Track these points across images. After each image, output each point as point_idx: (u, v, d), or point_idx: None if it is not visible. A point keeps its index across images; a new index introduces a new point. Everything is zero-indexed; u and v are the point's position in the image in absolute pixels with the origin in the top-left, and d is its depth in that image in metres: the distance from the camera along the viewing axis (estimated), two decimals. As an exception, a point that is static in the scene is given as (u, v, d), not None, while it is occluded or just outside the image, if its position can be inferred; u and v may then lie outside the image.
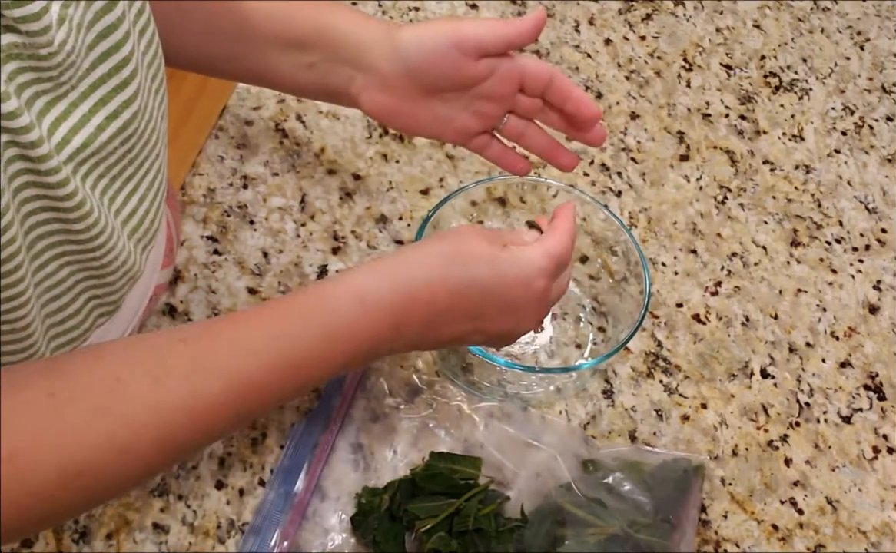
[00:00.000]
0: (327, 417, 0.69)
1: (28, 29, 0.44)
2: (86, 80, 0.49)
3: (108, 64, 0.50)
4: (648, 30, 1.02)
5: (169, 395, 0.48)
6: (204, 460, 0.67)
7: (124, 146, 0.53)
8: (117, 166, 0.53)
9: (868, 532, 0.71)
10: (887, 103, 1.01)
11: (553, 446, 0.69)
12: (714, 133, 0.94)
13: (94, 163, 0.51)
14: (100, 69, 0.50)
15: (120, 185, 0.55)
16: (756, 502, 0.71)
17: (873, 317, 0.83)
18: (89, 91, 0.49)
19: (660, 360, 0.77)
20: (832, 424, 0.76)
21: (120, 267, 0.57)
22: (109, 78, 0.50)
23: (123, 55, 0.50)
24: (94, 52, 0.49)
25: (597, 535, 0.64)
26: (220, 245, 0.78)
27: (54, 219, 0.50)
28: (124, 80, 0.51)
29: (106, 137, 0.51)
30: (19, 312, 0.51)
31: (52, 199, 0.49)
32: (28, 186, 0.48)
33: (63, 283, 0.54)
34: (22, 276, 0.49)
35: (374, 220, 0.82)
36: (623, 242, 0.75)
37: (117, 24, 0.50)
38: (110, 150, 0.52)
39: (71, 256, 0.53)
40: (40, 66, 0.46)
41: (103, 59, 0.50)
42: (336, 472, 0.67)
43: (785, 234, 0.88)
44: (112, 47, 0.50)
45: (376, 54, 0.66)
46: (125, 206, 0.56)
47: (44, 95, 0.47)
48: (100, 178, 0.53)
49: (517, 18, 0.66)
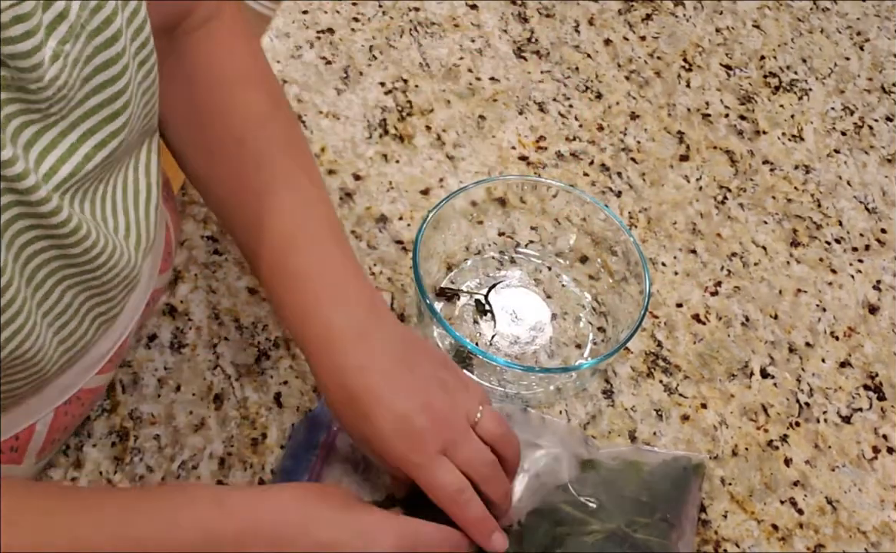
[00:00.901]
0: (327, 418, 0.69)
1: (18, 65, 0.44)
2: (77, 110, 0.49)
3: (102, 95, 0.50)
4: (648, 30, 1.02)
5: (14, 542, 0.47)
6: (204, 460, 0.67)
7: (110, 171, 0.53)
8: (108, 188, 0.54)
9: (868, 532, 0.71)
10: (887, 103, 1.01)
11: (553, 446, 0.69)
12: (714, 133, 0.95)
13: (84, 189, 0.52)
14: (92, 100, 0.50)
15: (112, 204, 0.55)
16: (756, 502, 0.71)
17: (873, 317, 0.83)
18: (79, 121, 0.49)
19: (660, 360, 0.77)
20: (832, 424, 0.76)
21: (121, 280, 0.57)
22: (101, 109, 0.50)
23: (119, 87, 0.51)
24: (90, 84, 0.49)
25: (596, 534, 0.64)
26: (220, 245, 0.78)
27: (51, 246, 0.50)
28: (116, 111, 0.51)
29: (92, 166, 0.51)
30: (26, 345, 0.51)
31: (47, 228, 0.49)
32: (20, 218, 0.48)
33: (68, 305, 0.55)
34: (18, 310, 0.49)
35: (375, 220, 0.82)
36: (623, 242, 0.75)
37: (116, 58, 0.50)
38: (98, 177, 0.52)
39: (72, 279, 0.54)
40: (28, 99, 0.46)
41: (98, 91, 0.50)
42: (336, 471, 0.68)
43: (785, 234, 0.88)
44: (108, 80, 0.50)
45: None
46: (122, 221, 0.56)
47: (31, 126, 0.47)
48: (92, 201, 0.53)
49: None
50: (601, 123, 0.93)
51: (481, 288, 0.79)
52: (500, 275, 0.80)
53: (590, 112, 0.94)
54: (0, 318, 0.48)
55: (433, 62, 0.95)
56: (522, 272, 0.80)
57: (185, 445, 0.68)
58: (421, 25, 0.98)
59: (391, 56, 0.95)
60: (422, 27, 0.98)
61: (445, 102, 0.92)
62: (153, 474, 0.66)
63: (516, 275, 0.80)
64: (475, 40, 0.98)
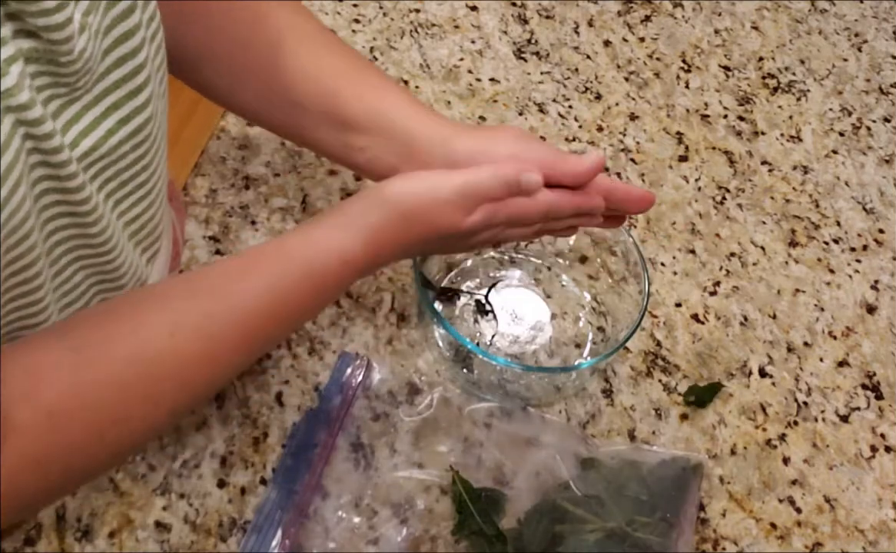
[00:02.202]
0: (328, 417, 0.69)
1: (51, 37, 0.44)
2: (99, 84, 0.49)
3: (123, 69, 0.50)
4: (647, 31, 1.03)
5: (186, 346, 0.51)
6: (206, 459, 0.68)
7: (135, 152, 0.53)
8: (127, 172, 0.54)
9: (865, 530, 0.71)
10: (885, 104, 1.01)
11: (552, 445, 0.69)
12: (712, 134, 0.95)
13: (103, 166, 0.52)
14: (114, 74, 0.50)
15: (129, 190, 0.55)
16: (754, 501, 0.72)
17: (871, 316, 0.84)
18: (102, 95, 0.50)
19: (659, 359, 0.78)
20: (830, 423, 0.77)
21: (134, 272, 0.57)
22: (123, 83, 0.51)
23: (139, 61, 0.51)
24: (110, 57, 0.49)
25: (596, 533, 0.65)
26: (221, 245, 0.79)
27: (71, 224, 0.51)
28: (138, 87, 0.51)
29: (116, 141, 0.51)
30: (39, 318, 0.52)
31: (70, 204, 0.50)
32: (48, 192, 0.48)
33: (78, 287, 0.55)
34: (41, 283, 0.50)
35: (375, 220, 0.82)
36: (622, 242, 0.76)
37: (134, 30, 0.50)
38: (120, 155, 0.52)
39: (86, 260, 0.54)
40: (58, 72, 0.46)
41: (118, 65, 0.50)
42: (337, 471, 0.68)
43: (783, 235, 0.88)
44: (128, 53, 0.50)
45: (427, 157, 0.65)
46: (129, 212, 0.56)
47: (58, 99, 0.47)
48: (107, 181, 0.53)
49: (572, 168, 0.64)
50: (601, 124, 0.93)
51: (481, 288, 0.79)
52: (500, 275, 0.80)
53: (589, 113, 0.94)
54: (27, 299, 0.49)
55: (434, 63, 0.95)
56: (522, 272, 0.81)
57: (187, 444, 0.68)
58: (421, 27, 0.98)
59: (392, 57, 0.95)
60: (422, 28, 0.98)
61: (446, 103, 0.92)
62: (155, 472, 0.66)
63: (516, 275, 0.80)
64: (475, 41, 0.98)
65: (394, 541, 0.65)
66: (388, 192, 0.60)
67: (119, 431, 0.49)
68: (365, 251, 0.59)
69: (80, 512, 0.64)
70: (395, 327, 0.76)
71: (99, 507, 0.65)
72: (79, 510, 0.64)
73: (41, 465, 0.46)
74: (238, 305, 0.55)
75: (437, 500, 0.67)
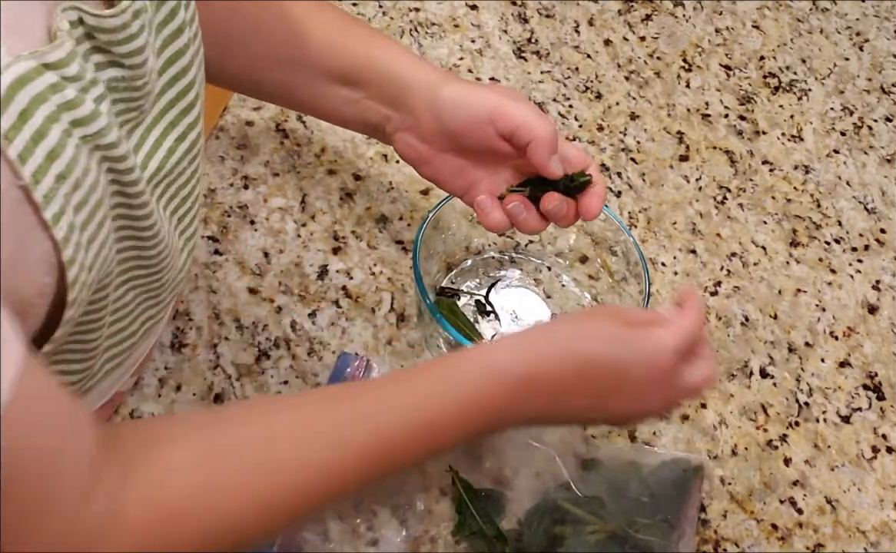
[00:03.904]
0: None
1: (132, 62, 0.45)
2: (157, 104, 0.50)
3: (176, 88, 0.51)
4: (648, 30, 1.03)
5: (313, 457, 0.49)
6: (205, 460, 0.67)
7: (191, 166, 0.54)
8: (187, 186, 0.54)
9: (867, 531, 0.71)
10: (886, 104, 1.01)
11: (553, 446, 0.69)
12: (713, 133, 0.95)
13: (167, 185, 0.52)
14: (168, 94, 0.50)
15: (189, 203, 0.56)
16: (755, 502, 0.71)
17: (872, 317, 0.84)
18: (160, 115, 0.50)
19: (659, 359, 0.77)
20: (831, 424, 0.76)
21: (172, 281, 0.57)
22: (178, 102, 0.51)
23: (189, 79, 0.51)
24: (164, 76, 0.50)
25: (596, 534, 0.64)
26: (220, 245, 0.78)
27: (133, 247, 0.51)
28: (190, 103, 0.52)
29: (176, 159, 0.52)
30: (92, 335, 0.51)
31: (135, 229, 0.50)
32: (120, 218, 0.48)
33: (127, 306, 0.55)
34: (107, 304, 0.50)
35: (375, 220, 0.82)
36: (623, 242, 0.75)
37: (184, 49, 0.50)
38: (180, 172, 0.53)
39: (137, 280, 0.54)
40: (132, 97, 0.47)
41: (172, 84, 0.50)
42: (336, 471, 0.68)
43: (784, 234, 0.88)
44: (180, 72, 0.51)
45: (417, 101, 0.65)
46: (188, 222, 0.57)
47: (128, 124, 0.48)
48: (171, 199, 0.54)
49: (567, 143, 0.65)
50: (601, 124, 0.93)
51: (481, 288, 0.79)
52: (500, 275, 0.80)
53: (590, 112, 0.94)
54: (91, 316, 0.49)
55: (433, 62, 0.95)
56: (522, 272, 0.80)
57: (186, 445, 0.68)
58: (421, 26, 0.98)
59: (391, 56, 0.95)
60: (422, 27, 0.98)
61: (445, 103, 0.92)
62: (154, 474, 0.66)
63: (516, 275, 0.80)
64: (475, 41, 0.98)
65: (393, 541, 0.65)
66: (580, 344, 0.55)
67: (228, 539, 0.47)
68: (526, 365, 0.53)
69: (78, 513, 0.64)
70: (395, 327, 0.76)
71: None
72: (77, 511, 0.64)
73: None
74: (377, 420, 0.51)
75: (437, 501, 0.67)
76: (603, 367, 0.55)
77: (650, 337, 0.55)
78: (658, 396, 0.57)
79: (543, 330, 0.57)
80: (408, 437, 0.52)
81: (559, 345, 0.54)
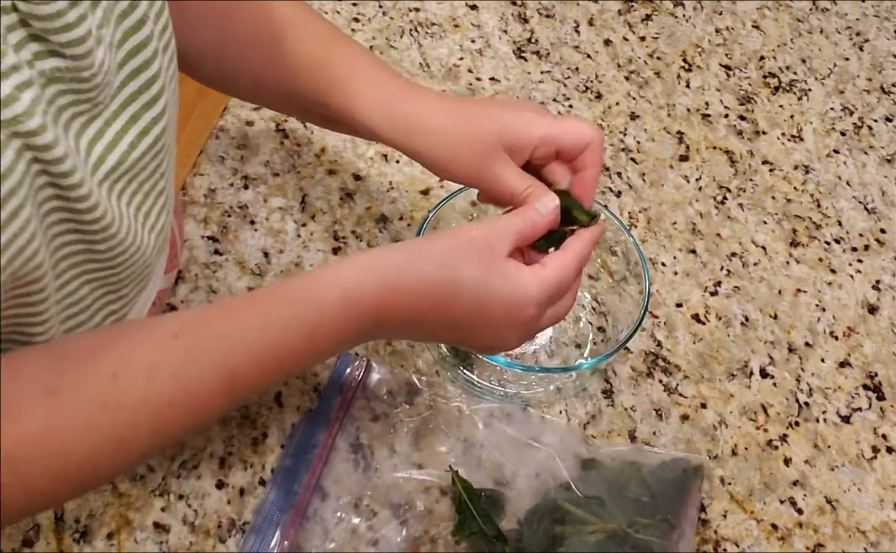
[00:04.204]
0: (327, 417, 0.69)
1: (73, 52, 0.44)
2: (117, 98, 0.49)
3: (138, 81, 0.50)
4: (648, 30, 1.03)
5: (163, 390, 0.50)
6: (205, 460, 0.67)
7: (154, 161, 0.53)
8: (150, 181, 0.54)
9: (867, 531, 0.71)
10: (886, 104, 1.01)
11: (553, 446, 0.69)
12: (713, 133, 0.95)
13: (129, 179, 0.52)
14: (130, 87, 0.50)
15: (153, 199, 0.55)
16: (755, 502, 0.71)
17: (872, 317, 0.84)
18: (120, 109, 0.50)
19: (659, 359, 0.77)
20: (831, 424, 0.76)
21: (137, 275, 0.57)
22: (140, 95, 0.51)
23: (153, 72, 0.51)
24: (124, 70, 0.49)
25: (596, 534, 0.64)
26: (220, 245, 0.78)
27: (79, 241, 0.51)
28: (153, 97, 0.52)
29: (139, 154, 0.52)
30: (38, 329, 0.52)
31: (80, 223, 0.50)
32: (56, 211, 0.48)
33: (83, 300, 0.55)
34: (45, 297, 0.50)
35: (375, 220, 0.82)
36: (623, 242, 0.75)
37: (146, 42, 0.50)
38: (142, 166, 0.53)
39: (91, 274, 0.54)
40: (80, 88, 0.46)
41: (133, 77, 0.50)
42: (336, 471, 0.68)
43: (784, 234, 0.88)
44: (142, 65, 0.50)
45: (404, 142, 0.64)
46: (154, 219, 0.57)
47: (80, 116, 0.47)
48: (134, 194, 0.53)
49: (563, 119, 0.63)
50: (601, 123, 0.93)
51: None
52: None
53: (590, 112, 0.94)
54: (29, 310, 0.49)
55: (433, 62, 0.95)
56: (522, 272, 0.80)
57: (186, 445, 0.68)
58: (421, 26, 0.98)
59: (391, 56, 0.95)
60: (422, 27, 0.98)
61: (445, 103, 0.92)
62: (154, 473, 0.66)
63: (516, 275, 0.80)
64: (475, 41, 0.98)
65: (393, 542, 0.65)
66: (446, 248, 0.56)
67: (85, 475, 0.49)
68: (378, 293, 0.54)
69: (78, 513, 0.64)
70: (395, 327, 0.76)
71: (97, 508, 0.64)
72: (77, 511, 0.64)
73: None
74: (221, 348, 0.52)
75: (437, 501, 0.67)
76: (461, 302, 0.56)
77: (515, 280, 0.56)
78: (513, 337, 0.59)
79: (403, 253, 0.56)
80: (258, 368, 0.53)
81: (416, 273, 0.55)
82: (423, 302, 0.55)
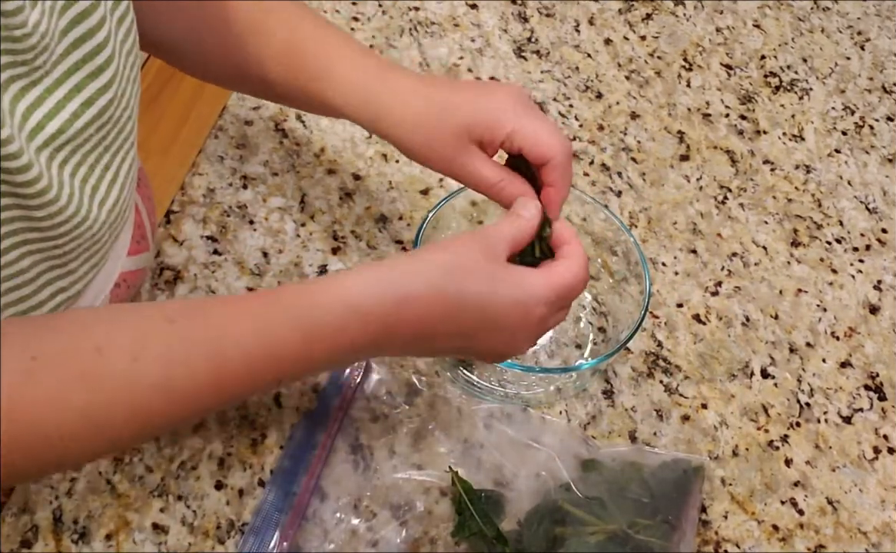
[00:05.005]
0: (327, 418, 0.69)
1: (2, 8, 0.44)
2: (60, 65, 0.49)
3: (83, 50, 0.50)
4: (648, 30, 1.02)
5: (147, 371, 0.48)
6: (203, 461, 0.67)
7: (100, 133, 0.53)
8: (94, 153, 0.53)
9: (868, 532, 0.71)
10: (887, 103, 1.01)
11: (553, 447, 0.69)
12: (714, 133, 0.94)
13: (72, 149, 0.51)
14: (74, 55, 0.49)
15: (99, 172, 0.55)
16: (756, 502, 0.71)
17: (874, 317, 0.83)
18: (64, 77, 0.49)
19: (660, 360, 0.77)
20: (832, 425, 0.76)
21: (84, 251, 0.56)
22: (84, 64, 0.50)
23: (98, 42, 0.50)
24: (68, 37, 0.49)
25: (597, 535, 0.64)
26: (219, 245, 0.78)
27: (16, 205, 0.50)
28: (99, 67, 0.51)
29: (81, 124, 0.51)
30: None
31: (14, 186, 0.48)
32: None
33: (25, 272, 0.54)
34: None
35: (374, 220, 0.82)
36: (623, 242, 0.75)
37: (91, 10, 0.49)
38: (87, 137, 0.52)
39: (33, 245, 0.53)
40: (15, 49, 0.45)
41: (77, 45, 0.49)
42: (336, 472, 0.67)
43: (785, 234, 0.88)
44: (86, 33, 0.50)
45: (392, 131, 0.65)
46: (105, 193, 0.56)
47: (18, 80, 0.47)
48: (78, 165, 0.53)
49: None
50: (601, 123, 0.93)
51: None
52: (500, 275, 0.80)
53: (590, 112, 0.94)
54: None
55: (433, 62, 0.95)
56: (522, 272, 0.80)
57: (185, 446, 0.68)
58: (421, 25, 0.98)
59: (391, 56, 0.95)
60: (422, 27, 0.98)
61: (445, 102, 0.92)
62: (152, 474, 0.66)
63: (516, 275, 0.80)
64: (475, 40, 0.98)
65: (393, 542, 0.65)
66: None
67: (56, 452, 0.47)
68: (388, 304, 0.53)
69: (76, 514, 0.64)
70: (395, 328, 0.76)
71: (96, 508, 0.64)
72: (76, 512, 0.64)
73: None
74: (213, 337, 0.50)
75: (437, 502, 0.67)
76: (472, 308, 0.55)
77: (522, 283, 0.56)
78: (523, 339, 0.59)
79: (411, 264, 0.55)
80: (250, 369, 0.51)
81: (426, 283, 0.54)
82: (436, 310, 0.54)
